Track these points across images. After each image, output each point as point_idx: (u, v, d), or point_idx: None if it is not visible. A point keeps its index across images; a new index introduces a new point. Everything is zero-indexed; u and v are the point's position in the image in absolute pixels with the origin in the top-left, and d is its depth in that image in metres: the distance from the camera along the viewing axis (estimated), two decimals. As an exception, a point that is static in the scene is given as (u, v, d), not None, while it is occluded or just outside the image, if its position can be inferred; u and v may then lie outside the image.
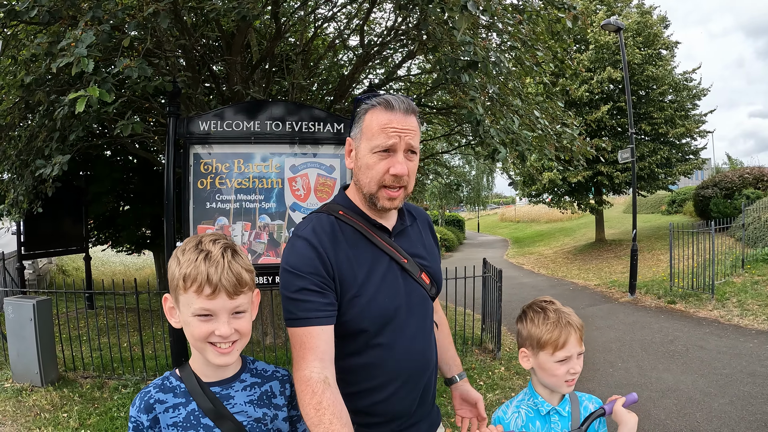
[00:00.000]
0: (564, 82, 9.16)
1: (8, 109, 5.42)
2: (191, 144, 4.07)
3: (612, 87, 16.33)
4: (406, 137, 1.45)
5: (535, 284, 13.23)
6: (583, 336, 1.63)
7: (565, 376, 1.58)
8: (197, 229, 4.12)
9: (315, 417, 1.24)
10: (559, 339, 1.58)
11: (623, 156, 11.16)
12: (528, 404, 1.68)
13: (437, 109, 8.60)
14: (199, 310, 1.23)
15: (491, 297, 6.90)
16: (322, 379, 1.30)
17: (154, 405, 1.27)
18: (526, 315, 1.69)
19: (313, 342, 1.35)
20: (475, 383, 5.48)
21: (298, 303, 1.38)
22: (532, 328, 1.63)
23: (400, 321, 1.51)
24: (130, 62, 3.30)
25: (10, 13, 3.13)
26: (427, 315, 1.61)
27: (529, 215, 40.37)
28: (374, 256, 1.51)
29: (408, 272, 1.55)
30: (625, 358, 6.22)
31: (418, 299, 1.56)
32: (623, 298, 10.20)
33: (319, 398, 1.26)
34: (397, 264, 1.54)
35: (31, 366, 5.34)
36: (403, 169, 1.44)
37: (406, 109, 1.47)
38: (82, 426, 4.49)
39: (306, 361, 1.33)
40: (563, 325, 1.59)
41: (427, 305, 1.62)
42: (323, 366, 1.33)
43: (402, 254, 1.56)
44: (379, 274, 1.49)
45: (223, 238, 1.32)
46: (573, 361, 1.59)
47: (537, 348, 1.62)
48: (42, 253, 9.06)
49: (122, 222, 11.55)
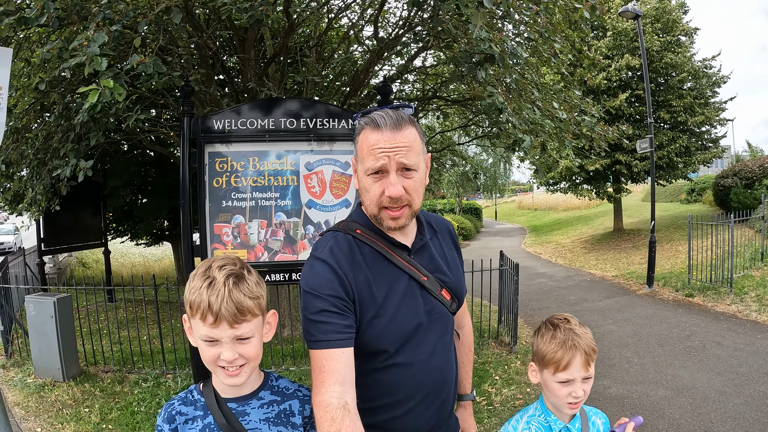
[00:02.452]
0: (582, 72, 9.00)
1: (24, 111, 5.47)
2: (206, 143, 4.09)
3: (630, 74, 16.04)
4: (396, 156, 1.38)
5: (553, 275, 13.14)
6: (592, 360, 1.56)
7: (566, 398, 1.54)
8: (213, 227, 4.15)
9: None
10: (561, 360, 1.53)
11: (642, 146, 10.99)
12: (539, 420, 1.64)
13: (453, 101, 8.52)
14: (204, 336, 1.27)
15: (508, 290, 6.88)
16: (341, 404, 1.27)
17: (175, 416, 1.34)
18: (540, 329, 1.65)
19: (333, 365, 1.32)
20: (491, 377, 5.46)
21: (318, 325, 1.36)
22: (541, 344, 1.60)
23: (419, 339, 1.49)
24: (144, 58, 3.30)
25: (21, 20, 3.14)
26: (446, 331, 1.59)
27: (546, 203, 40.00)
28: (393, 275, 1.48)
29: (428, 290, 1.52)
30: (641, 354, 6.15)
31: (437, 317, 1.54)
32: (641, 290, 10.09)
33: (338, 426, 1.23)
34: (417, 282, 1.51)
35: (53, 362, 5.44)
36: (396, 191, 1.39)
37: (395, 124, 1.40)
38: (104, 421, 4.57)
39: (325, 385, 1.30)
40: (569, 347, 1.54)
41: (448, 321, 1.59)
42: (343, 390, 1.30)
43: (422, 272, 1.52)
44: (399, 294, 1.46)
45: (232, 263, 1.32)
46: (575, 385, 1.53)
47: (541, 365, 1.60)
48: (62, 248, 9.18)
49: (140, 214, 11.65)
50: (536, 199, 44.86)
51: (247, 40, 5.87)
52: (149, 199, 11.56)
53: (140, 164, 10.84)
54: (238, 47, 6.20)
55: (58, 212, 7.33)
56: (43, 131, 5.71)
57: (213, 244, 4.14)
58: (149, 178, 11.34)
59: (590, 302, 9.32)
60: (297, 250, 4.12)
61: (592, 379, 1.58)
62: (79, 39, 2.95)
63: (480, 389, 5.15)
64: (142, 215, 11.64)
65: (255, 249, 4.17)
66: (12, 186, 6.27)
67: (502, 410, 4.61)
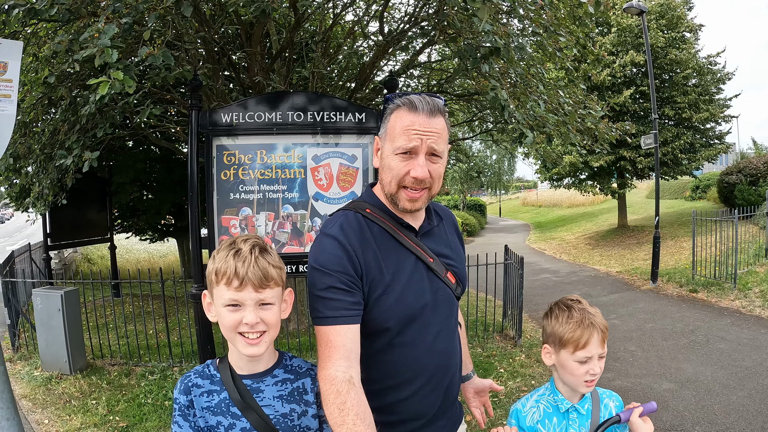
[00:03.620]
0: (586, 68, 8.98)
1: (31, 105, 5.50)
2: (214, 136, 4.12)
3: (635, 71, 16.00)
4: (428, 140, 1.42)
5: (557, 270, 13.14)
6: (606, 338, 1.62)
7: (584, 376, 1.58)
8: (221, 220, 4.18)
9: (338, 417, 1.24)
10: (580, 339, 1.57)
11: (646, 142, 10.98)
12: (548, 400, 1.68)
13: (458, 96, 8.52)
14: (228, 300, 1.32)
15: (512, 284, 6.89)
16: (347, 378, 1.30)
17: (191, 388, 1.38)
18: (552, 312, 1.68)
19: (340, 340, 1.34)
20: (496, 371, 5.48)
21: (326, 301, 1.38)
22: (556, 325, 1.63)
23: (425, 320, 1.51)
24: (153, 50, 3.32)
25: (30, 11, 3.16)
26: (451, 314, 1.62)
27: (551, 200, 39.92)
28: (401, 255, 1.51)
29: (434, 271, 1.55)
30: (645, 348, 6.17)
31: (443, 298, 1.56)
32: (645, 285, 10.08)
33: (344, 398, 1.26)
34: (423, 263, 1.53)
35: (60, 355, 5.48)
36: (423, 172, 1.42)
37: (431, 110, 1.43)
38: (111, 412, 4.60)
39: (331, 359, 1.33)
40: (586, 326, 1.58)
41: (452, 304, 1.62)
42: (349, 365, 1.33)
43: (428, 254, 1.55)
44: (406, 273, 1.49)
45: (255, 238, 1.39)
46: (593, 362, 1.58)
47: (558, 346, 1.62)
48: (68, 243, 9.24)
49: (145, 210, 11.71)
50: (540, 196, 44.78)
51: (253, 35, 5.89)
52: (154, 194, 11.61)
53: (146, 160, 10.88)
54: (245, 42, 6.22)
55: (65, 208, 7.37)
56: (50, 126, 5.74)
57: (221, 236, 4.18)
58: (154, 173, 11.37)
59: (594, 297, 9.32)
60: (304, 242, 4.15)
61: (605, 357, 1.63)
62: (89, 31, 2.97)
63: (485, 381, 5.18)
64: (147, 211, 11.69)
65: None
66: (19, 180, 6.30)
67: (508, 402, 4.62)
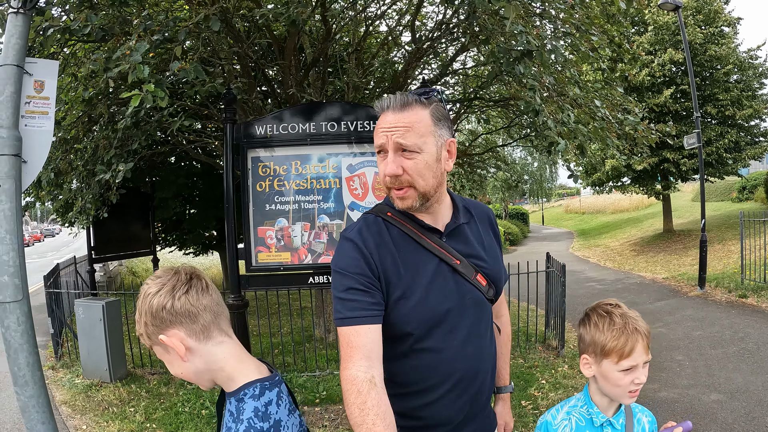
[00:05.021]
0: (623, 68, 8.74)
1: (72, 123, 5.71)
2: (249, 148, 4.18)
3: (674, 69, 15.52)
4: (393, 135, 1.38)
5: (602, 278, 12.80)
6: (649, 343, 1.50)
7: (628, 386, 1.46)
8: (257, 231, 4.21)
9: (359, 417, 1.23)
10: (625, 347, 1.44)
11: (689, 141, 10.61)
12: (581, 412, 1.57)
13: (494, 101, 8.42)
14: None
15: (555, 292, 6.71)
16: (368, 378, 1.28)
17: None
18: (590, 319, 1.55)
19: (360, 341, 1.34)
20: (537, 382, 5.33)
21: (346, 302, 1.39)
22: (596, 333, 1.50)
23: (451, 324, 1.46)
24: (185, 64, 3.39)
25: (65, 31, 3.27)
26: (482, 318, 1.54)
27: (594, 206, 39.15)
28: (422, 258, 1.47)
29: (461, 274, 1.49)
30: (693, 357, 5.90)
31: (471, 302, 1.50)
32: (692, 292, 9.72)
33: (364, 398, 1.25)
34: (448, 266, 1.48)
35: (101, 363, 5.62)
36: (391, 168, 1.39)
37: (402, 104, 1.41)
38: (148, 420, 4.67)
39: (353, 360, 1.32)
40: (630, 332, 1.45)
41: (483, 308, 1.55)
42: (370, 365, 1.31)
43: (454, 255, 1.49)
44: (427, 277, 1.45)
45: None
46: (638, 370, 1.46)
47: (600, 355, 1.49)
48: (112, 256, 9.52)
49: (188, 225, 11.97)
50: (584, 203, 43.96)
51: (286, 49, 5.97)
52: (197, 210, 11.87)
53: (187, 176, 11.14)
54: (278, 56, 6.32)
55: (108, 222, 7.60)
56: (92, 143, 5.94)
57: (257, 247, 4.21)
58: (196, 189, 11.63)
59: (640, 305, 9.02)
60: (340, 252, 4.14)
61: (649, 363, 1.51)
62: (122, 49, 3.05)
63: (526, 393, 5.04)
64: (190, 226, 11.96)
65: (298, 251, 4.21)
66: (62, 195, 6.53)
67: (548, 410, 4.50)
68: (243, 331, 4.36)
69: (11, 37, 2.62)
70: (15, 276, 2.54)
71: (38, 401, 2.55)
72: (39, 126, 2.79)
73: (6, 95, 2.57)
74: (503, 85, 7.10)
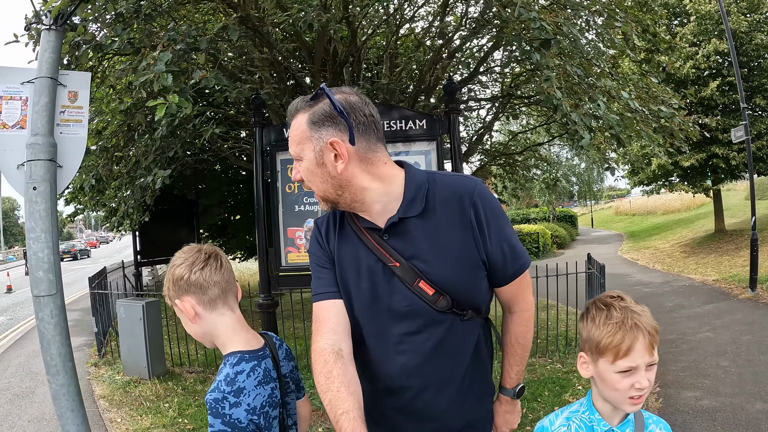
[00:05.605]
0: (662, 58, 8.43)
1: (113, 132, 6.01)
2: (278, 150, 4.28)
3: (720, 60, 14.89)
4: (290, 147, 1.40)
5: (649, 281, 12.37)
6: (656, 343, 1.30)
7: (628, 391, 1.28)
8: (287, 232, 4.31)
9: (324, 384, 1.28)
10: (621, 344, 1.27)
11: (737, 135, 10.16)
12: (582, 418, 1.40)
13: (528, 99, 8.32)
14: None
15: (595, 295, 6.49)
16: (335, 350, 1.33)
17: None
18: (588, 312, 1.39)
19: (325, 315, 1.41)
20: (573, 387, 5.20)
21: (314, 281, 1.47)
22: (592, 328, 1.34)
23: (381, 327, 1.41)
24: (206, 73, 3.54)
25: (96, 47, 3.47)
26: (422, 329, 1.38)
27: (644, 207, 37.90)
28: (361, 255, 1.41)
29: (400, 278, 1.36)
30: (740, 363, 5.62)
31: (407, 310, 1.37)
32: (743, 294, 9.29)
33: (330, 367, 1.30)
34: (387, 267, 1.37)
35: (140, 360, 5.87)
36: (294, 176, 1.43)
37: (289, 114, 1.42)
38: (181, 415, 4.83)
39: (320, 333, 1.38)
40: (628, 328, 1.27)
41: (426, 318, 1.37)
42: (337, 338, 1.37)
43: (393, 256, 1.36)
44: (362, 275, 1.41)
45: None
46: (639, 373, 1.27)
47: (596, 353, 1.32)
48: (157, 260, 9.95)
49: (233, 231, 12.34)
50: (634, 204, 42.61)
51: (316, 53, 6.09)
52: (242, 215, 12.19)
53: (232, 183, 11.47)
54: (308, 60, 6.46)
55: (155, 228, 7.94)
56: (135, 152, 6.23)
57: (287, 247, 4.30)
58: (240, 196, 11.94)
59: (687, 308, 8.71)
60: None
61: (656, 366, 1.31)
62: (146, 59, 3.22)
63: (560, 399, 4.92)
64: (235, 232, 12.31)
65: None
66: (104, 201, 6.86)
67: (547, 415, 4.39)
68: (272, 330, 4.47)
69: (45, 51, 2.81)
70: (49, 271, 2.71)
71: (68, 390, 2.70)
72: (73, 133, 2.96)
73: (41, 105, 2.75)
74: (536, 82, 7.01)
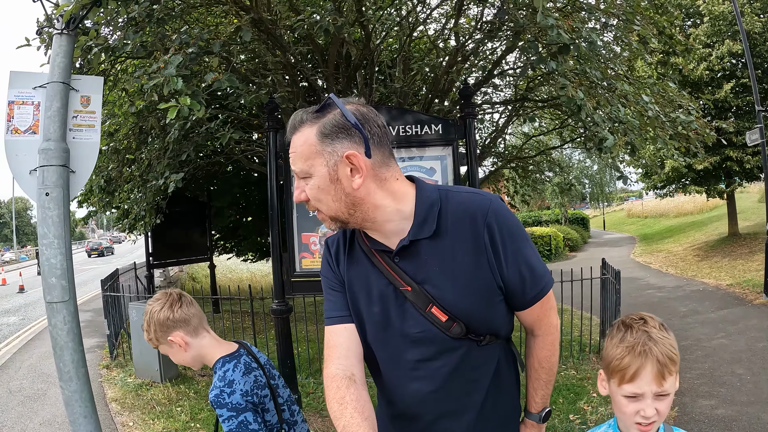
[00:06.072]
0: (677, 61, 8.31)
1: (125, 134, 6.02)
2: (292, 155, 4.25)
3: (734, 62, 14.66)
4: (292, 165, 1.30)
5: (662, 286, 12.25)
6: (670, 373, 1.24)
7: (634, 416, 1.25)
8: (301, 237, 4.28)
9: (338, 410, 1.25)
10: (627, 369, 1.24)
11: (752, 138, 10.00)
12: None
13: (544, 101, 8.25)
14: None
15: (610, 300, 6.42)
16: (347, 375, 1.31)
17: None
18: (611, 330, 1.36)
19: (336, 340, 1.38)
20: (588, 395, 5.12)
21: (326, 303, 1.44)
22: (608, 347, 1.31)
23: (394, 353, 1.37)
24: (219, 75, 3.52)
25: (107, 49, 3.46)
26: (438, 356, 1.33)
27: (656, 210, 37.54)
28: (373, 278, 1.36)
29: (412, 303, 1.31)
30: (755, 371, 5.51)
31: (420, 336, 1.32)
32: (758, 299, 9.14)
33: (343, 393, 1.27)
34: (399, 291, 1.32)
35: (152, 363, 5.87)
36: (296, 195, 1.31)
37: (291, 127, 1.29)
38: (193, 419, 4.82)
39: (331, 359, 1.35)
40: (637, 354, 1.23)
41: (440, 344, 1.32)
42: (349, 363, 1.34)
43: (404, 280, 1.31)
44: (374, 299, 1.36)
45: None
46: (645, 401, 1.23)
47: (607, 373, 1.31)
48: (169, 262, 9.99)
49: (245, 233, 12.33)
50: (646, 206, 42.26)
51: (329, 57, 6.08)
52: (253, 217, 12.19)
53: (243, 185, 11.45)
54: (321, 64, 6.44)
55: (167, 230, 7.95)
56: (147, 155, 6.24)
57: (301, 253, 4.27)
58: (252, 197, 11.94)
59: (701, 314, 8.58)
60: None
61: (671, 396, 1.26)
62: (157, 63, 3.21)
63: (575, 407, 4.85)
64: (246, 233, 12.31)
65: None
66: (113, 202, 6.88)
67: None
68: (286, 336, 4.42)
69: (57, 56, 2.80)
70: (62, 278, 2.70)
71: (81, 396, 2.69)
72: (86, 138, 2.95)
73: (53, 110, 2.74)
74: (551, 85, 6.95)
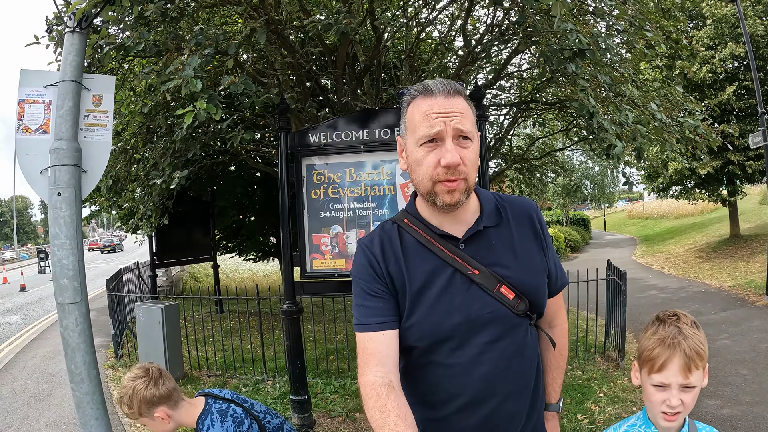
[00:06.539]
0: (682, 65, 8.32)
1: (132, 134, 5.98)
2: (303, 156, 4.25)
3: (736, 64, 14.65)
4: (452, 121, 1.25)
5: (665, 287, 12.25)
6: (698, 367, 1.34)
7: (660, 405, 1.35)
8: (312, 238, 4.26)
9: (380, 419, 1.22)
10: (656, 359, 1.34)
11: (754, 141, 9.97)
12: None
13: (551, 104, 8.24)
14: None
15: (615, 301, 6.42)
16: (386, 382, 1.28)
17: None
18: (648, 324, 1.46)
19: (374, 347, 1.34)
20: (595, 394, 5.13)
21: (360, 308, 1.39)
22: (643, 338, 1.42)
23: (459, 340, 1.35)
24: (235, 79, 3.49)
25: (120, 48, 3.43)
26: (506, 336, 1.37)
27: (657, 211, 37.55)
28: (434, 267, 1.36)
29: (480, 285, 1.34)
30: (759, 371, 5.53)
31: (490, 317, 1.35)
32: (760, 301, 9.15)
33: (384, 401, 1.24)
34: (465, 276, 1.35)
35: (158, 363, 5.79)
36: (454, 158, 1.24)
37: (448, 90, 1.28)
38: (200, 420, 4.78)
39: (369, 366, 1.32)
40: (667, 345, 1.34)
41: (509, 324, 1.37)
42: (387, 370, 1.30)
43: (472, 265, 1.35)
44: (437, 288, 1.35)
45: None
46: (671, 391, 1.33)
47: (640, 362, 1.42)
48: (173, 262, 9.94)
49: (247, 232, 12.26)
50: (647, 207, 42.29)
51: (338, 58, 6.05)
52: (256, 217, 12.13)
53: (247, 184, 11.39)
54: (330, 65, 6.41)
55: (170, 229, 7.91)
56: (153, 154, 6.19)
57: (312, 254, 4.26)
58: (255, 197, 11.88)
59: (704, 315, 8.58)
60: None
61: (696, 390, 1.35)
62: (174, 64, 3.17)
63: (583, 406, 4.85)
64: (249, 233, 12.25)
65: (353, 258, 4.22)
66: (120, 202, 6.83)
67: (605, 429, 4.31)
68: (297, 337, 4.40)
69: (69, 54, 2.76)
70: (74, 279, 2.66)
71: (92, 398, 2.66)
72: (98, 138, 2.91)
73: (65, 109, 2.69)
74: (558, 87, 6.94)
